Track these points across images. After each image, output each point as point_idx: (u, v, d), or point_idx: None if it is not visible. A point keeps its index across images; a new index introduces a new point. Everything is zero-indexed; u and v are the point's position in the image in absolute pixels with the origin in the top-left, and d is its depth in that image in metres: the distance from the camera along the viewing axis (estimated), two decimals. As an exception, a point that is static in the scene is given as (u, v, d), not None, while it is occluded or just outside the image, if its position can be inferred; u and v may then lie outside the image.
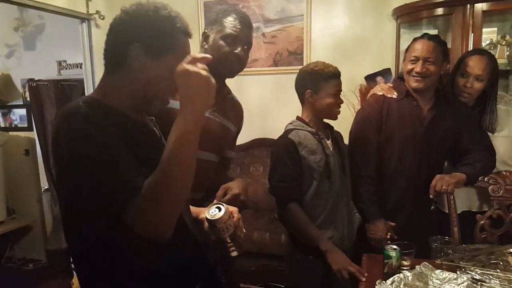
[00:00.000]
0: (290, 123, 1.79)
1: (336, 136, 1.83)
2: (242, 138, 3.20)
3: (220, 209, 1.11)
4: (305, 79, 1.74)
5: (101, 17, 2.69)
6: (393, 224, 1.81)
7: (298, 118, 1.79)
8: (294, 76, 1.78)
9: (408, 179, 1.84)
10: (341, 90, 1.72)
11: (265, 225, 2.78)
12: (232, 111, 1.63)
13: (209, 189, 1.50)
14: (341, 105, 1.75)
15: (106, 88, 1.00)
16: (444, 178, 1.69)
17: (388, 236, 1.77)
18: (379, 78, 2.79)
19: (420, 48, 1.75)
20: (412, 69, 1.76)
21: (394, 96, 1.86)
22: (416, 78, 1.77)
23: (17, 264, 3.48)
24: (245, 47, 1.50)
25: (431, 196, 1.71)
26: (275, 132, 1.95)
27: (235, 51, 1.46)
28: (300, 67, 2.92)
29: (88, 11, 2.66)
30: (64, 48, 3.45)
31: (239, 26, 1.46)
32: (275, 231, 2.68)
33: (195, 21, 3.07)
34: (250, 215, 2.90)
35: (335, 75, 1.71)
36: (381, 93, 1.90)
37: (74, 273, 2.84)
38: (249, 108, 1.77)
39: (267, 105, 3.20)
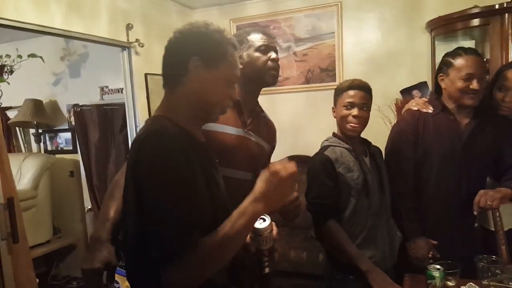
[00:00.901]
0: (326, 140, 1.77)
1: (373, 152, 1.78)
2: (275, 156, 3.18)
3: (265, 220, 1.13)
4: (333, 96, 1.75)
5: (140, 45, 2.82)
6: (435, 242, 1.74)
7: (334, 134, 1.77)
8: (327, 93, 1.79)
9: (448, 196, 1.77)
10: (358, 102, 1.66)
11: (302, 244, 2.75)
12: (265, 129, 1.65)
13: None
14: (367, 119, 1.69)
15: (170, 106, 1.08)
16: (488, 193, 1.61)
17: (430, 255, 1.70)
18: (415, 92, 2.76)
19: (472, 64, 1.70)
20: (467, 86, 1.70)
21: (430, 111, 1.82)
22: (471, 95, 1.71)
23: (62, 282, 3.60)
24: (276, 53, 1.57)
25: (474, 212, 1.63)
26: (308, 149, 1.95)
27: (272, 57, 1.52)
28: (332, 83, 2.95)
29: (128, 40, 2.79)
30: (106, 74, 3.63)
31: (265, 37, 1.53)
32: (312, 249, 2.64)
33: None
34: (286, 233, 2.87)
35: (351, 87, 1.67)
36: (416, 108, 1.86)
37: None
38: (281, 125, 1.79)
39: (299, 122, 3.21)
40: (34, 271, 1.90)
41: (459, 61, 1.74)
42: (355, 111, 1.66)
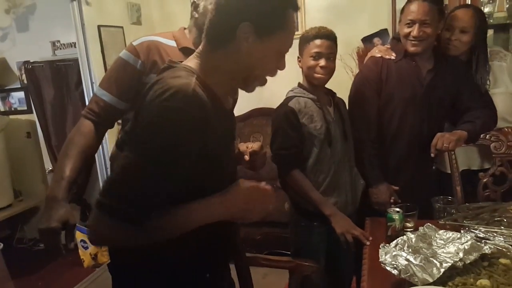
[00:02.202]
0: (291, 90, 1.77)
1: (338, 102, 1.80)
2: (240, 109, 3.17)
3: None
4: (298, 45, 1.72)
5: (91, -6, 2.63)
6: (396, 188, 1.80)
7: (299, 85, 1.77)
8: (290, 44, 1.73)
9: (409, 141, 1.83)
10: (325, 52, 1.64)
11: (268, 195, 2.80)
12: None
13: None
14: (333, 69, 1.68)
15: (206, 66, 0.94)
16: (444, 135, 1.68)
17: (392, 200, 1.77)
18: (376, 40, 2.75)
19: (415, 10, 1.69)
20: (409, 33, 1.71)
21: (393, 57, 1.83)
22: (413, 42, 1.72)
23: (28, 244, 3.56)
24: None
25: (432, 154, 1.70)
26: (272, 101, 1.92)
27: None
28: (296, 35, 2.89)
29: (77, -12, 2.60)
30: (57, 27, 3.39)
31: None
32: (278, 199, 2.68)
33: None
34: (253, 185, 2.91)
35: (318, 36, 1.64)
36: (379, 55, 1.86)
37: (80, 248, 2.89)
38: (245, 77, 1.75)
39: None
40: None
41: (406, 7, 1.75)
42: (322, 62, 1.65)
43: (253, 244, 2.63)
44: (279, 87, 1.85)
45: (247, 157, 1.28)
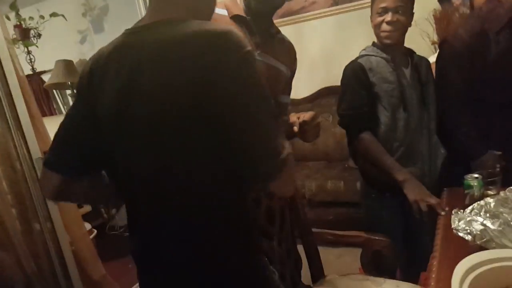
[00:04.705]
0: (364, 49, 1.65)
1: (417, 63, 1.64)
2: (308, 89, 3.08)
3: None
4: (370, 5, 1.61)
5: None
6: (499, 152, 1.53)
7: (373, 43, 1.64)
8: (358, 13, 1.64)
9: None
10: (391, 6, 1.50)
11: (339, 174, 2.72)
12: (283, 51, 1.47)
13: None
14: (404, 23, 1.52)
15: None
16: None
17: (498, 168, 1.47)
18: (455, -1, 2.48)
19: None
20: None
21: None
22: None
23: (120, 231, 3.87)
24: None
25: None
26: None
27: None
28: (364, 1, 2.70)
29: (145, -15, 2.69)
30: (130, 25, 3.56)
31: None
32: (350, 178, 2.60)
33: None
34: (323, 166, 2.87)
35: None
36: None
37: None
38: (311, 56, 1.67)
39: (330, 50, 2.95)
40: (83, 224, 2.03)
41: None
42: (388, 17, 1.51)
43: (325, 225, 2.58)
44: (347, 63, 1.76)
45: (296, 128, 1.23)
